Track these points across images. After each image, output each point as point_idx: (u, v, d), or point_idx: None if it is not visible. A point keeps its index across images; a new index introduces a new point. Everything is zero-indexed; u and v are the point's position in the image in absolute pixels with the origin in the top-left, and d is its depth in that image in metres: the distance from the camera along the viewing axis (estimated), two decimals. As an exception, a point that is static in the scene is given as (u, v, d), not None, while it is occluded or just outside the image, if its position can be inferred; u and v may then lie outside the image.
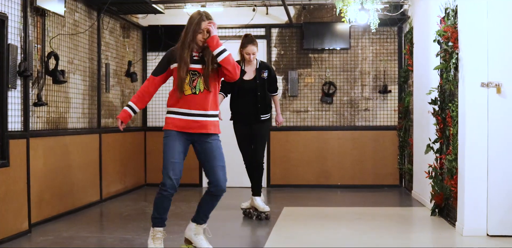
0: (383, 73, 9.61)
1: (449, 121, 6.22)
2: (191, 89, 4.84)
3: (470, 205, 5.63)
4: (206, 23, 4.83)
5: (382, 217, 6.85)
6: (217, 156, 4.93)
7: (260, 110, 6.77)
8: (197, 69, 4.87)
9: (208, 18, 4.89)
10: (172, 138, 4.86)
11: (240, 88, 6.72)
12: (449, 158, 6.12)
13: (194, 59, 4.90)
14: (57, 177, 6.72)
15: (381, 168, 9.53)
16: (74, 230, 6.13)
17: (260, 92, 6.74)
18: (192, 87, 4.84)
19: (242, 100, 6.79)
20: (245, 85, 6.71)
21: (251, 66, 6.78)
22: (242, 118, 6.84)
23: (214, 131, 4.96)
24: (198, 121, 4.87)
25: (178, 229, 6.04)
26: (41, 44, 6.46)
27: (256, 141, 6.84)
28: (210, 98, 4.91)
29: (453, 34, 5.94)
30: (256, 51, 6.70)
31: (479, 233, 5.61)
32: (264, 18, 9.63)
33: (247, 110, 6.79)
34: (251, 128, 6.83)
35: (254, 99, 6.75)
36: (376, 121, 9.63)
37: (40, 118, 6.48)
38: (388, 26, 9.42)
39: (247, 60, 6.70)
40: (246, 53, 6.66)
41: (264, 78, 6.78)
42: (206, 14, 4.92)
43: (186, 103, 4.85)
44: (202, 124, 4.89)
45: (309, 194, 8.93)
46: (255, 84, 6.74)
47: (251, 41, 6.66)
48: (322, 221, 6.60)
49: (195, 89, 4.84)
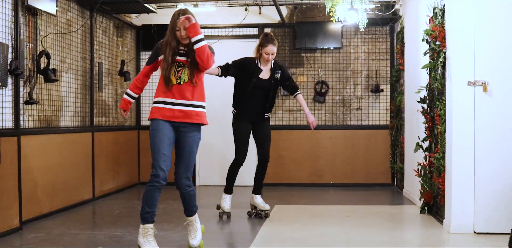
0: (375, 73, 9.66)
1: (437, 120, 6.27)
2: (175, 79, 4.96)
3: (457, 202, 5.68)
4: (180, 20, 4.89)
5: (372, 215, 6.90)
6: (186, 153, 5.03)
7: (266, 109, 6.77)
8: (181, 61, 4.99)
9: (183, 15, 4.94)
10: (160, 129, 4.94)
11: (254, 86, 6.64)
12: (437, 156, 6.17)
13: (180, 53, 5.01)
14: (49, 175, 6.76)
15: (373, 167, 9.59)
16: (65, 227, 6.17)
17: (272, 92, 6.75)
18: (177, 78, 4.95)
19: (252, 98, 6.69)
20: (260, 83, 6.66)
21: (267, 66, 6.75)
22: (247, 115, 6.76)
23: (198, 120, 5.05)
24: (182, 110, 4.97)
25: (168, 226, 6.10)
26: (33, 43, 6.51)
27: (264, 140, 6.84)
28: (195, 89, 5.01)
29: (441, 33, 5.99)
30: (275, 52, 6.65)
31: (466, 230, 5.66)
32: (257, 17, 9.68)
33: (254, 108, 6.74)
34: (254, 126, 6.82)
35: (265, 98, 6.72)
36: (368, 120, 9.68)
37: (32, 116, 6.52)
38: (380, 25, 9.48)
39: (266, 60, 6.64)
40: (266, 52, 6.58)
41: (277, 79, 6.76)
42: (183, 11, 5.00)
43: (171, 93, 4.97)
44: (186, 113, 4.97)
45: (301, 192, 8.98)
46: (269, 84, 6.71)
47: (271, 41, 6.59)
48: (310, 219, 6.65)
49: (179, 80, 4.95)
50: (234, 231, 6.28)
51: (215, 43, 9.42)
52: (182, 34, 4.92)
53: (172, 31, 4.98)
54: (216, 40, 9.61)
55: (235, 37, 9.79)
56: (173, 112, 4.97)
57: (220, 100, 9.35)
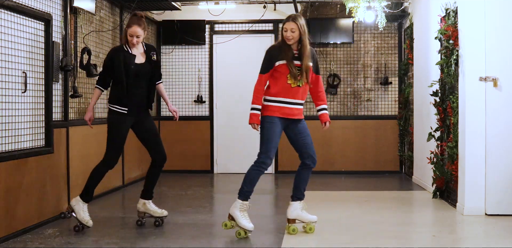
0: (384, 66, 10.26)
1: (449, 112, 6.87)
2: (296, 82, 5.52)
3: (470, 187, 6.30)
4: (289, 24, 5.45)
5: (388, 199, 7.53)
6: (307, 136, 5.75)
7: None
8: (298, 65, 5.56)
9: (293, 19, 5.49)
10: (275, 124, 5.58)
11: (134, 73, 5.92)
12: (450, 145, 6.78)
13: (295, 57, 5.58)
14: (88, 163, 7.29)
15: (383, 155, 10.21)
16: (108, 212, 6.76)
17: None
18: (297, 81, 5.52)
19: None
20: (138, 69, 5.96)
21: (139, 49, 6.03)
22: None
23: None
24: (296, 108, 5.64)
25: (204, 210, 6.70)
26: (74, 40, 7.04)
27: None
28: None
29: (454, 33, 6.58)
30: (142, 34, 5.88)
31: (478, 213, 6.29)
32: (272, 14, 10.23)
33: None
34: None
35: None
36: (378, 111, 10.29)
37: (73, 109, 7.06)
38: (390, 22, 10.03)
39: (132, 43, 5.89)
40: (130, 34, 5.85)
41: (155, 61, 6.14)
42: (293, 16, 5.55)
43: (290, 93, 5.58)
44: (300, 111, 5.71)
45: (314, 179, 9.52)
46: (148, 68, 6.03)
47: (136, 21, 5.85)
48: (332, 203, 7.27)
49: (299, 82, 5.53)
50: (265, 214, 6.83)
51: (236, 38, 10.04)
52: (287, 35, 5.46)
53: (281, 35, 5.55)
54: (237, 35, 10.19)
55: (252, 32, 10.35)
56: (292, 110, 5.59)
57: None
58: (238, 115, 10.11)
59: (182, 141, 10.38)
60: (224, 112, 10.45)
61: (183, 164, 10.32)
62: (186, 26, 10.23)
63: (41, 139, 6.03)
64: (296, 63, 5.48)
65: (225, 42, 10.26)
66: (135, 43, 5.82)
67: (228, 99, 10.41)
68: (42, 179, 5.97)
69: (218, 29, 10.48)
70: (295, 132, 5.67)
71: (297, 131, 5.68)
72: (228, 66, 10.44)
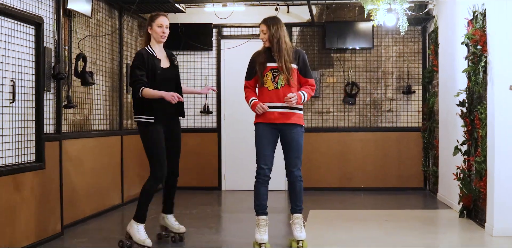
0: (407, 73, 10.20)
1: (477, 123, 6.80)
2: (273, 84, 5.84)
3: (500, 206, 6.22)
4: (261, 26, 5.93)
5: (411, 219, 7.45)
6: (291, 149, 5.91)
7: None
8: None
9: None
10: (262, 132, 5.90)
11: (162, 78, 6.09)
12: (478, 160, 6.70)
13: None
14: (84, 179, 7.30)
15: (405, 170, 10.13)
16: (106, 232, 6.72)
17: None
18: (274, 83, 5.84)
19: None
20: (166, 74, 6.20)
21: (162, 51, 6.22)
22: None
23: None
24: (279, 112, 5.87)
25: (209, 231, 6.64)
26: (68, 45, 7.03)
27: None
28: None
29: (482, 38, 6.52)
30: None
31: (508, 234, 6.19)
32: (285, 17, 10.15)
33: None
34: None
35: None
36: (400, 122, 10.21)
37: (67, 120, 7.04)
38: (413, 25, 9.98)
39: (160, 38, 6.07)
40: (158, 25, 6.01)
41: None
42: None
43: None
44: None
45: (332, 196, 9.51)
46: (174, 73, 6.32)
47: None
48: (351, 223, 7.20)
49: (277, 85, 5.84)
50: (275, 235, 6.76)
51: (246, 43, 9.98)
52: (260, 37, 5.94)
53: None
54: (247, 39, 10.15)
55: (262, 36, 10.31)
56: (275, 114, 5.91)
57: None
58: (247, 127, 10.02)
59: (188, 155, 10.29)
60: (232, 123, 10.41)
61: (188, 180, 10.22)
62: (191, 30, 10.22)
63: (31, 154, 6.00)
64: (272, 65, 5.83)
65: (233, 48, 10.23)
66: (165, 36, 6.00)
67: (237, 109, 10.32)
68: (32, 197, 5.94)
69: (226, 33, 10.47)
70: (283, 142, 5.97)
71: (284, 141, 5.96)
72: (237, 74, 10.35)
